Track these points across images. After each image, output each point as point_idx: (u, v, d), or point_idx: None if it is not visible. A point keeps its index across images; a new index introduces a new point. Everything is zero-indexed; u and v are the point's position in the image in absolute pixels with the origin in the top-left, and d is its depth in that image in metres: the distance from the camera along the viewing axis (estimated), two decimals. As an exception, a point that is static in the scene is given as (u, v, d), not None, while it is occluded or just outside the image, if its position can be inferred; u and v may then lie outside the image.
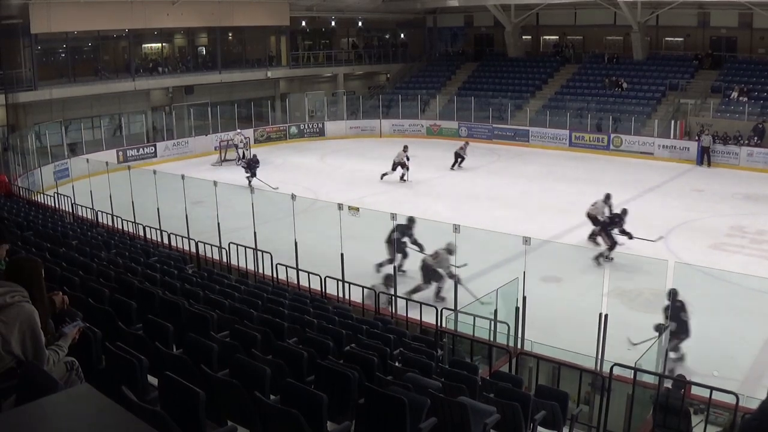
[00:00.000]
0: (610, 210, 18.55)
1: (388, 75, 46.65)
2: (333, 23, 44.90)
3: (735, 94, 33.50)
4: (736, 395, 8.03)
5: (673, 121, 33.18)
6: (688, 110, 33.90)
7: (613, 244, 17.74)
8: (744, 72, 35.32)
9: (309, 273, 13.32)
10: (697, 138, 31.35)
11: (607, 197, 18.88)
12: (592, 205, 18.91)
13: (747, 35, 37.05)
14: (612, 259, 17.28)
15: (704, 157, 30.64)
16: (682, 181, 27.80)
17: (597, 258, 17.16)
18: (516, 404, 6.79)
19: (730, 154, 30.61)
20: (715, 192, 25.50)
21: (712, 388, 8.20)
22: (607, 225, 18.12)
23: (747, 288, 15.56)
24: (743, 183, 27.20)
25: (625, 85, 36.85)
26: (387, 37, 48.60)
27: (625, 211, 18.21)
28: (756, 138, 30.71)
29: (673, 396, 8.57)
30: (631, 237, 17.90)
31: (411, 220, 16.31)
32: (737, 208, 23.27)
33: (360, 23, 46.10)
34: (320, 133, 38.79)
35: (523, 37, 43.45)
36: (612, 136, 33.53)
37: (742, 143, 30.77)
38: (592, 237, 18.79)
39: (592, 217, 18.73)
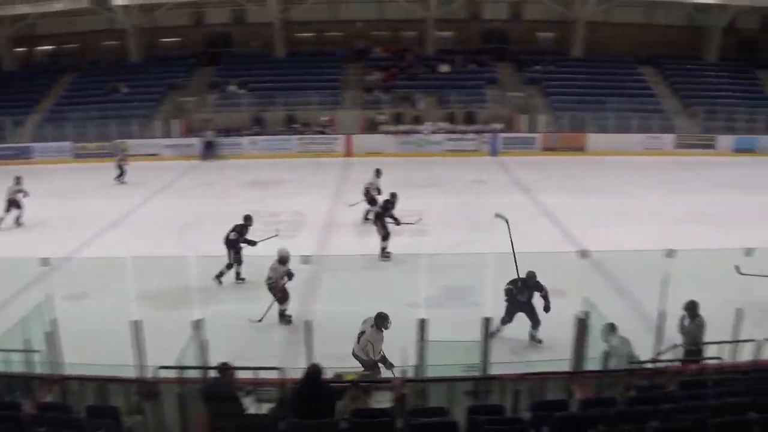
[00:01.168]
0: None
1: None
2: None
3: (233, 88, 34.69)
4: (280, 369, 8.54)
5: (174, 120, 33.19)
6: (189, 108, 34.22)
7: (386, 235, 16.84)
8: (240, 66, 36.91)
9: None
10: (199, 134, 31.89)
11: (378, 172, 19.85)
12: (368, 184, 19.66)
13: (240, 30, 38.99)
14: (389, 255, 16.72)
15: (209, 151, 31.16)
16: (191, 177, 27.84)
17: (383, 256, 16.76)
18: (68, 432, 6.32)
19: (234, 145, 31.65)
20: (224, 183, 25.99)
21: (255, 368, 8.72)
22: (382, 214, 17.12)
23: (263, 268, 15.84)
24: (250, 171, 28.24)
25: (124, 90, 35.72)
26: None
27: (394, 195, 17.57)
28: (256, 127, 32.20)
29: (220, 384, 8.48)
30: (399, 223, 17.27)
31: (248, 219, 15.37)
32: (246, 196, 23.83)
33: None
34: None
35: (18, 49, 39.72)
36: (116, 142, 32.06)
37: (244, 134, 31.99)
38: (371, 220, 18.61)
39: (370, 196, 19.23)
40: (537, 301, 12.05)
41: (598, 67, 36.55)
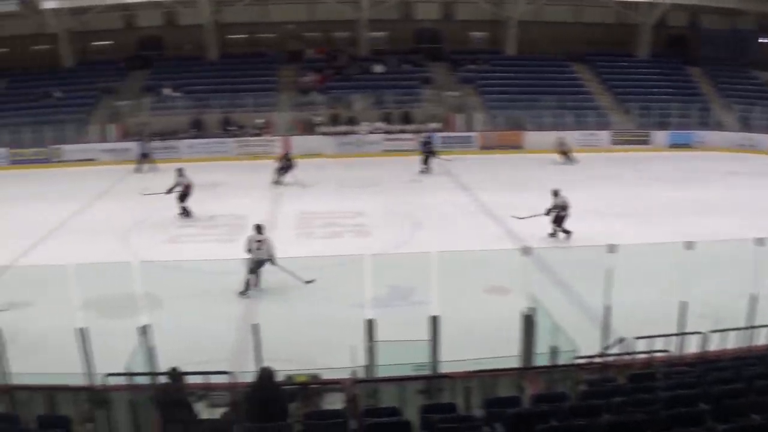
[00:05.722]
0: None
1: None
2: None
3: (168, 91, 34.08)
4: (230, 373, 8.52)
5: (110, 125, 32.50)
6: (125, 112, 33.47)
7: None
8: (174, 69, 36.25)
9: None
10: (137, 138, 31.01)
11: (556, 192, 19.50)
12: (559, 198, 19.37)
13: (172, 32, 38.28)
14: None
15: (146, 156, 30.23)
16: (130, 182, 27.19)
17: None
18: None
19: (171, 149, 31.00)
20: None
21: (205, 373, 8.56)
22: None
23: (207, 272, 15.58)
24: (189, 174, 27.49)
25: (58, 95, 34.65)
26: None
27: None
28: (194, 130, 31.72)
29: (171, 389, 8.41)
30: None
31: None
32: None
33: None
34: None
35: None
36: (52, 147, 31.34)
37: (181, 137, 31.51)
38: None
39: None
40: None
41: (531, 65, 36.99)
